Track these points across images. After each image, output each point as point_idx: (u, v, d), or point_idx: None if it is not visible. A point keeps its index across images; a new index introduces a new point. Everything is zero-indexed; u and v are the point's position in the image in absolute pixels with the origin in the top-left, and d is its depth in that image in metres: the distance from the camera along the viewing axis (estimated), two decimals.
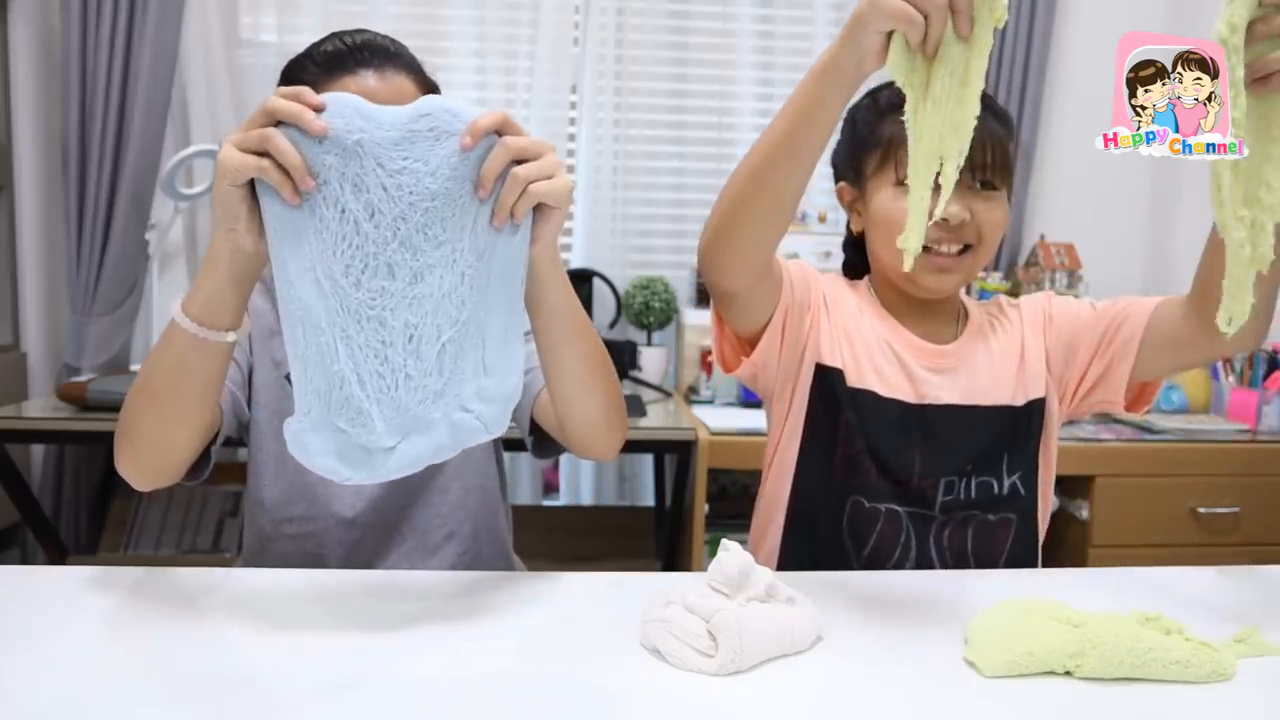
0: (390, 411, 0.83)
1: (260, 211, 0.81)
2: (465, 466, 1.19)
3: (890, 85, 1.05)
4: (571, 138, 2.78)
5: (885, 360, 1.15)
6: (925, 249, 1.06)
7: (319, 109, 0.78)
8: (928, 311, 1.18)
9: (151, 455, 0.92)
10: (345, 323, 0.83)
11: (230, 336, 0.86)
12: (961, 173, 0.97)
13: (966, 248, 1.10)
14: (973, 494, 1.13)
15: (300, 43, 1.13)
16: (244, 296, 0.86)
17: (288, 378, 1.11)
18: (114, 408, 1.97)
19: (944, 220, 1.05)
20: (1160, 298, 1.14)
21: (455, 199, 0.84)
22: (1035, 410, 1.16)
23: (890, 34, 0.80)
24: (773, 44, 2.82)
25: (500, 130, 0.82)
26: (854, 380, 1.14)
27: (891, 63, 0.80)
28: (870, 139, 1.12)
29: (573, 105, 2.76)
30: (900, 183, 1.06)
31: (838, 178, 1.21)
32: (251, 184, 0.80)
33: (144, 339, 2.63)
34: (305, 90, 0.79)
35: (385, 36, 1.10)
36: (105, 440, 0.92)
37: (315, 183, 0.79)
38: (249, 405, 1.14)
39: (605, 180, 2.79)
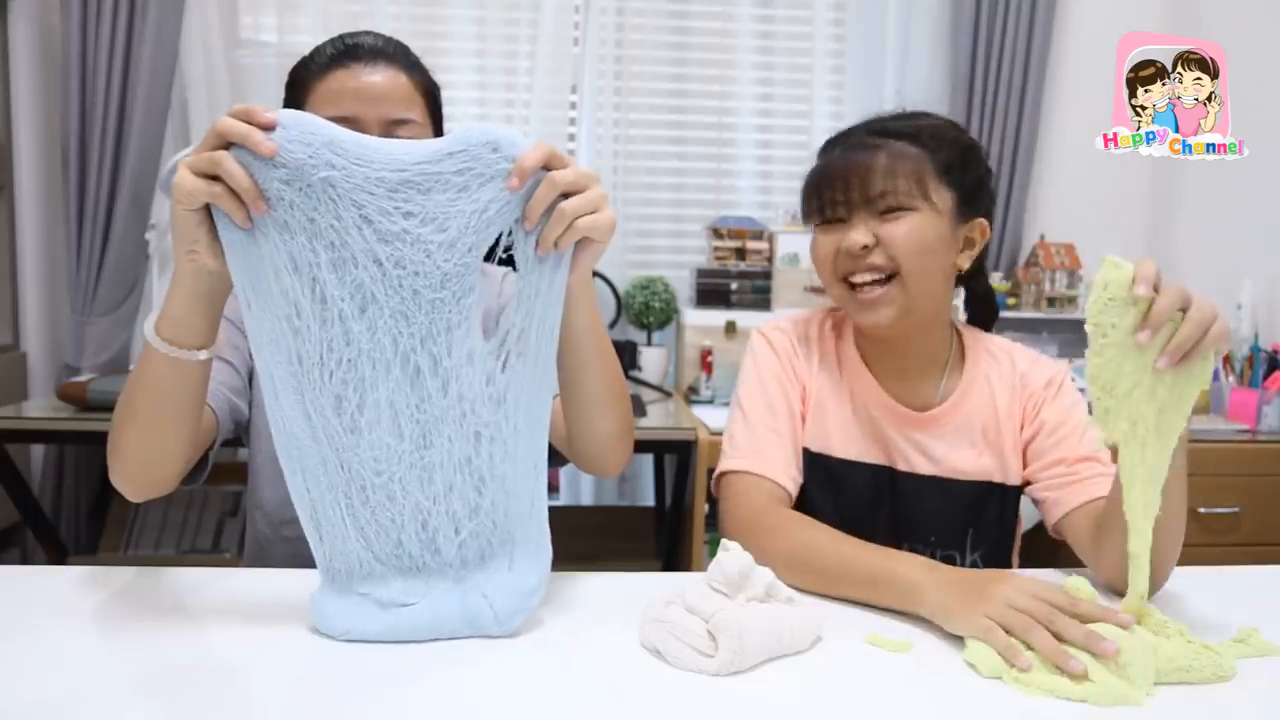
0: (411, 581, 0.82)
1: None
2: None
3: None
4: (571, 138, 2.78)
5: (857, 423, 1.13)
6: (850, 285, 1.07)
7: (268, 127, 0.74)
8: (908, 363, 1.13)
9: (140, 471, 0.91)
10: (349, 490, 0.80)
11: (202, 355, 0.85)
12: (860, 200, 1.05)
13: (890, 277, 1.05)
14: None
15: (300, 42, 1.14)
16: (214, 315, 0.85)
17: None
18: (113, 408, 1.99)
19: (844, 248, 1.06)
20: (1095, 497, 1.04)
21: (467, 284, 0.77)
22: (1008, 495, 1.13)
23: None
24: (773, 44, 2.83)
25: (547, 165, 0.78)
26: (822, 446, 1.13)
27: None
28: (805, 184, 1.12)
29: (573, 105, 2.76)
30: (821, 224, 1.10)
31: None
32: (208, 207, 0.76)
33: (143, 339, 2.62)
34: (255, 109, 0.74)
35: (388, 39, 1.10)
36: (105, 440, 0.92)
37: (266, 207, 0.74)
38: (249, 407, 1.13)
39: (605, 180, 2.79)
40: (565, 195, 0.79)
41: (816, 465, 1.13)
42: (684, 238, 2.84)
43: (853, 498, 1.12)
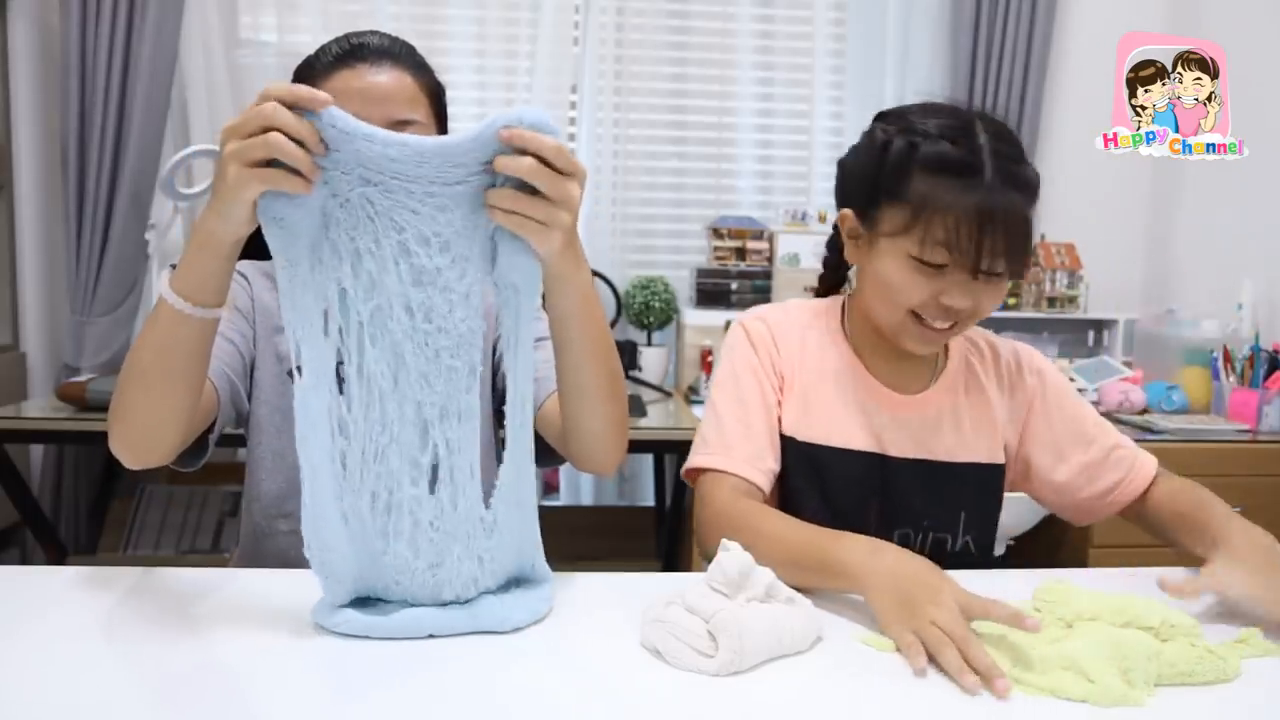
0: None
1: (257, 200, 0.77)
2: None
3: (938, 112, 1.03)
4: (571, 138, 2.78)
5: (846, 410, 1.12)
6: (916, 317, 1.04)
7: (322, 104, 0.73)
8: (897, 353, 1.12)
9: (141, 433, 0.91)
10: (370, 588, 0.85)
11: (218, 313, 0.86)
12: (966, 263, 0.98)
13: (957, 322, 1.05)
14: (926, 550, 1.09)
15: (300, 42, 1.14)
16: (230, 274, 0.86)
17: (290, 374, 1.11)
18: None
19: (942, 303, 1.01)
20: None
21: (474, 357, 0.80)
22: (996, 473, 1.14)
23: None
24: (773, 44, 2.83)
25: (549, 162, 0.76)
26: (808, 435, 1.11)
27: None
28: (897, 189, 1.01)
29: (573, 105, 2.76)
30: (923, 263, 0.99)
31: (847, 202, 1.10)
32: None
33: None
34: (303, 90, 0.74)
35: (394, 39, 1.10)
36: (105, 440, 0.92)
37: (319, 173, 0.74)
38: (249, 399, 1.14)
39: (605, 180, 2.79)
40: (534, 192, 0.77)
41: (802, 454, 1.11)
42: (684, 238, 2.84)
43: (842, 486, 1.10)
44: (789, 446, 1.11)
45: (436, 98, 1.12)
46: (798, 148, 2.86)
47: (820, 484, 1.11)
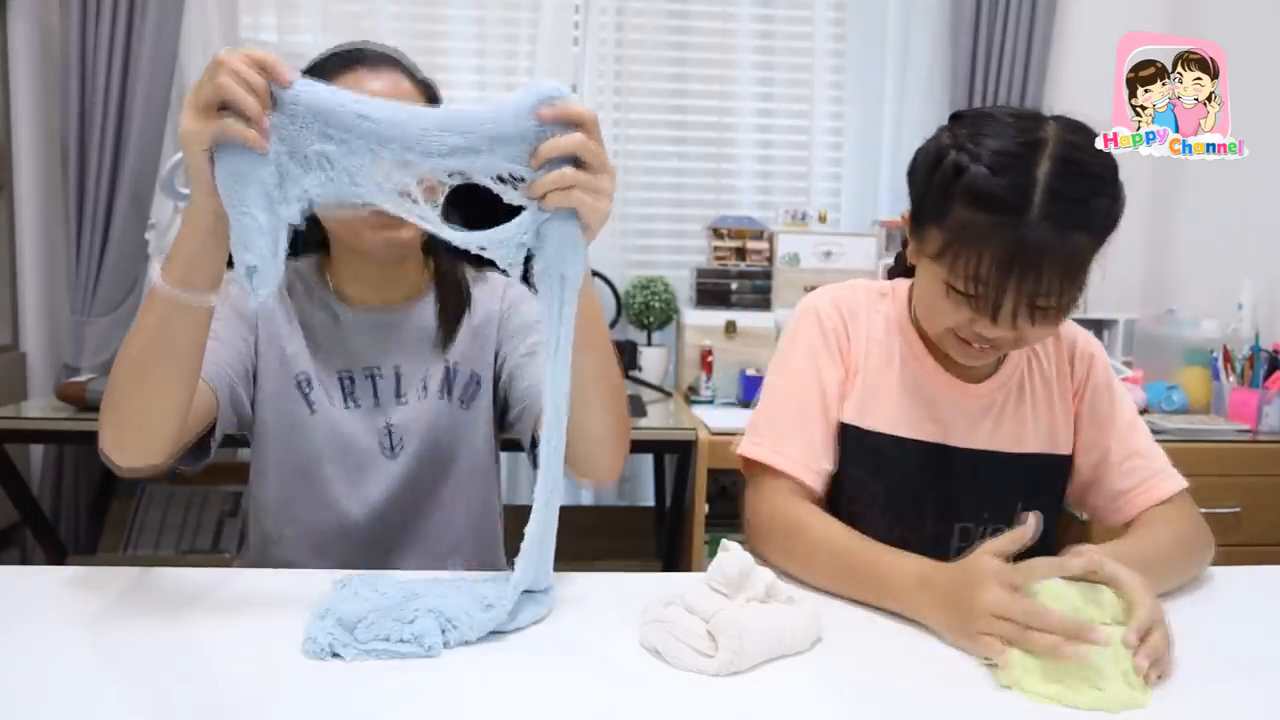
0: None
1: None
2: (470, 479, 1.19)
3: (1005, 128, 0.95)
4: None
5: (908, 399, 1.10)
6: (957, 334, 1.01)
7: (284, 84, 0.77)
8: None
9: (132, 431, 0.91)
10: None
11: (210, 298, 0.86)
12: (987, 306, 0.94)
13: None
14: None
15: (300, 42, 1.14)
16: (224, 256, 0.85)
17: (298, 382, 1.12)
18: None
19: (975, 331, 0.98)
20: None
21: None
22: (1060, 465, 1.12)
23: None
24: (773, 44, 2.82)
25: (586, 129, 0.79)
26: (870, 423, 1.09)
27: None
28: (939, 211, 0.97)
29: None
30: (956, 291, 0.97)
31: (911, 204, 1.06)
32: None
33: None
34: (272, 61, 0.76)
35: (388, 48, 1.12)
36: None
37: (268, 125, 0.76)
38: (253, 406, 1.14)
39: None
40: (579, 165, 0.79)
41: (862, 443, 1.09)
42: (684, 238, 2.84)
43: (901, 476, 1.09)
44: (849, 434, 1.10)
45: (432, 102, 1.12)
46: (798, 148, 2.86)
47: (880, 474, 1.09)
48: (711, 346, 2.57)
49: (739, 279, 2.66)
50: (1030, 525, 0.82)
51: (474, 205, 0.84)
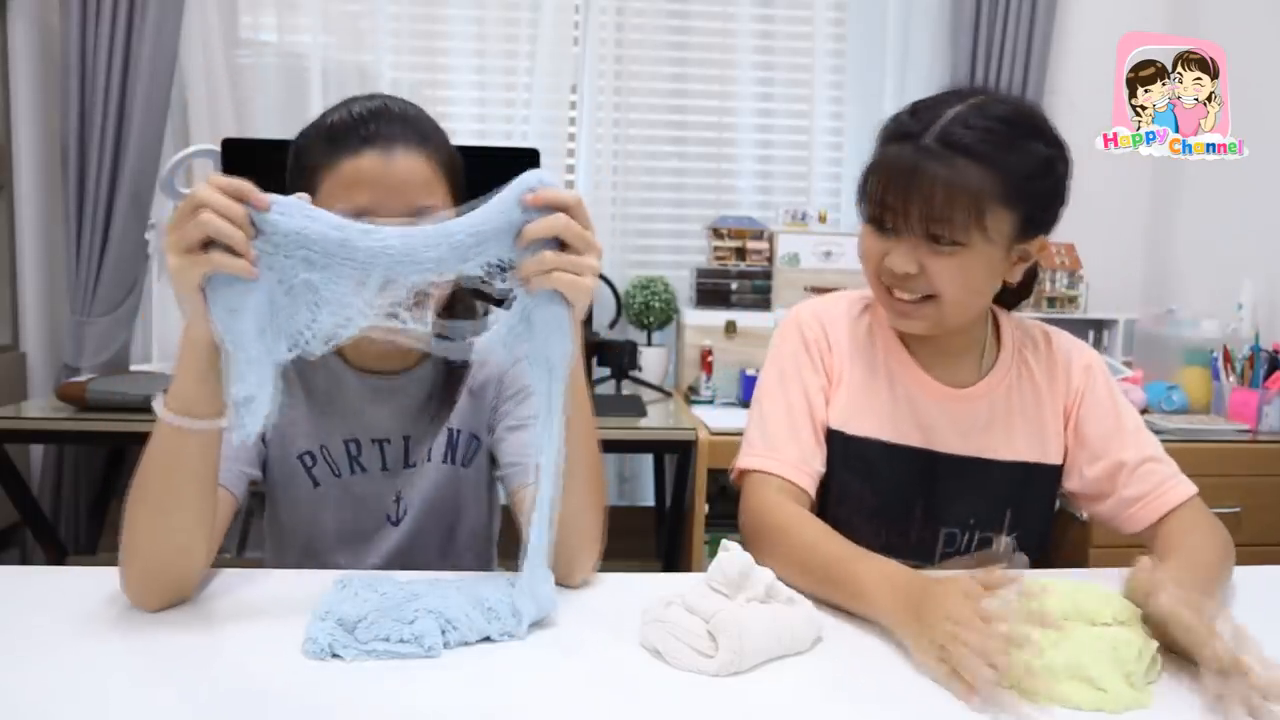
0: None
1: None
2: (472, 541, 1.20)
3: (945, 94, 1.03)
4: (571, 138, 2.78)
5: (894, 405, 1.10)
6: (887, 289, 1.04)
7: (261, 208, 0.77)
8: (947, 344, 1.11)
9: (158, 568, 0.87)
10: None
11: (222, 422, 0.84)
12: (914, 220, 0.97)
13: (927, 297, 1.03)
14: (972, 549, 1.10)
15: (300, 42, 1.12)
16: (222, 388, 0.83)
17: (301, 460, 1.11)
18: (113, 408, 1.99)
19: (886, 266, 1.02)
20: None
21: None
22: (1049, 474, 1.12)
23: None
24: (773, 44, 2.82)
25: (570, 211, 0.81)
26: (855, 429, 1.10)
27: None
28: (870, 163, 1.05)
29: (573, 105, 2.76)
30: (867, 223, 1.04)
31: None
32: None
33: (143, 339, 2.62)
34: (248, 188, 0.76)
35: (400, 101, 1.05)
36: (105, 440, 0.92)
37: (255, 254, 0.76)
38: (263, 468, 1.13)
39: (605, 180, 2.79)
40: (564, 247, 0.81)
41: (848, 449, 1.10)
42: (684, 238, 2.84)
43: (888, 481, 1.09)
44: (835, 440, 1.10)
45: (453, 171, 1.06)
46: (798, 148, 2.85)
47: (866, 479, 1.10)
48: (711, 346, 2.57)
49: (739, 279, 2.66)
50: (1002, 551, 0.81)
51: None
